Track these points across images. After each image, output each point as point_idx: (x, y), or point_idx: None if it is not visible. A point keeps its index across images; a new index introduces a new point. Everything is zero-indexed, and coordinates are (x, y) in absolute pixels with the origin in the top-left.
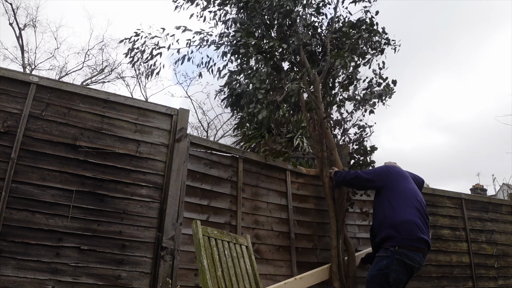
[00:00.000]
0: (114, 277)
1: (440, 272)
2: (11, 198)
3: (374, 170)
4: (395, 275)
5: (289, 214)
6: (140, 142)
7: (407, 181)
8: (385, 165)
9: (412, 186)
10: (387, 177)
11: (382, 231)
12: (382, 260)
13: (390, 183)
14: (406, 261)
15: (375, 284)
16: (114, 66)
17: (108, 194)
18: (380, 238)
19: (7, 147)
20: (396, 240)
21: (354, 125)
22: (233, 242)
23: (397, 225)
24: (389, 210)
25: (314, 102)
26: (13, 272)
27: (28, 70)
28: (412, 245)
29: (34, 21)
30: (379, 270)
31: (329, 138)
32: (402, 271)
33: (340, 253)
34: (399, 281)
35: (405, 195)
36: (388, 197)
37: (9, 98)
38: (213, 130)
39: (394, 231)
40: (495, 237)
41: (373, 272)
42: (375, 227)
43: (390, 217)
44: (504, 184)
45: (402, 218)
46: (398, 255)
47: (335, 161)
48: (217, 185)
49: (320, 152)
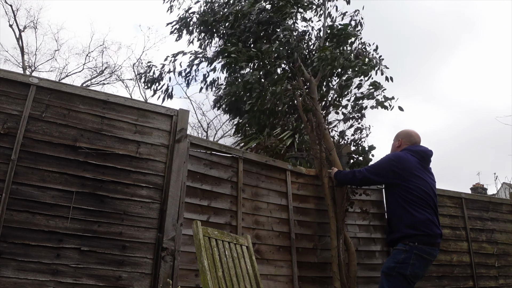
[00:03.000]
0: (114, 278)
1: (441, 272)
2: (11, 199)
3: (381, 168)
4: (412, 269)
5: (290, 214)
6: (140, 143)
7: (416, 174)
8: (389, 160)
9: (423, 179)
10: (395, 175)
11: (401, 229)
12: (400, 253)
13: (400, 181)
14: (424, 256)
15: (391, 276)
16: (114, 68)
17: (108, 195)
18: (399, 236)
19: (7, 148)
20: (416, 238)
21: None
22: (233, 242)
23: (416, 224)
24: (406, 209)
25: (311, 103)
26: (14, 273)
27: (28, 72)
28: (430, 241)
29: (34, 23)
30: (396, 262)
31: (327, 139)
32: (419, 265)
33: (340, 253)
34: (416, 275)
35: (418, 193)
36: (402, 195)
37: (9, 100)
38: (212, 130)
39: (413, 229)
40: (495, 236)
41: (389, 264)
42: (392, 223)
43: (408, 216)
44: (505, 183)
45: (420, 218)
46: (417, 250)
47: (334, 162)
48: (217, 186)
49: (319, 153)
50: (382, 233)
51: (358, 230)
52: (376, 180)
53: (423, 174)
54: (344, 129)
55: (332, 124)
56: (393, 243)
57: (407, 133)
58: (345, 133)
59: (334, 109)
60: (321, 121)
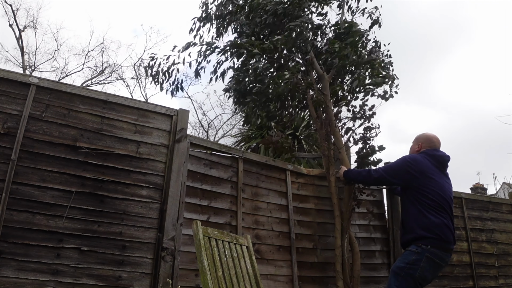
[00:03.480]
0: (114, 278)
1: (441, 271)
2: (11, 199)
3: (398, 170)
4: (422, 272)
5: (290, 214)
6: (140, 142)
7: (433, 178)
8: (406, 162)
9: (439, 183)
10: (411, 177)
11: (415, 230)
12: (411, 254)
13: (417, 184)
14: (436, 260)
15: (400, 276)
16: (114, 68)
17: (108, 195)
18: (412, 237)
19: (7, 148)
20: (429, 241)
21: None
22: (233, 242)
23: (431, 228)
24: (422, 212)
25: (323, 98)
26: (14, 273)
27: (28, 72)
28: (443, 246)
29: (34, 23)
30: (407, 263)
31: (337, 137)
32: (429, 269)
33: (344, 253)
34: (424, 278)
35: (434, 196)
36: (418, 198)
37: (9, 100)
38: (213, 130)
39: (428, 232)
40: (495, 236)
41: (400, 264)
42: (407, 225)
43: (423, 219)
44: (504, 183)
45: (435, 222)
46: (429, 253)
47: (343, 160)
48: (217, 186)
49: (327, 151)
50: (382, 233)
51: (358, 230)
52: (393, 181)
53: (440, 178)
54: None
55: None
56: (406, 244)
57: (427, 138)
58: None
59: (346, 107)
60: (332, 118)
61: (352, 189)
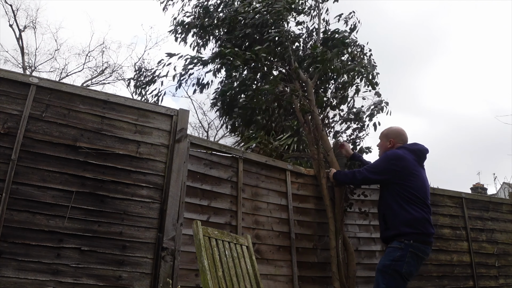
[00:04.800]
0: (114, 277)
1: (441, 272)
2: (11, 199)
3: (381, 167)
4: (408, 267)
5: (289, 214)
6: (140, 142)
7: (415, 173)
8: (389, 159)
9: (420, 179)
10: (395, 173)
11: (398, 227)
12: (396, 251)
13: (399, 180)
14: (419, 254)
15: (387, 274)
16: (114, 68)
17: (108, 195)
18: (395, 233)
19: (8, 148)
20: (412, 236)
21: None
22: (233, 242)
23: (412, 223)
24: (403, 207)
25: (308, 105)
26: (14, 273)
27: (28, 72)
28: (425, 240)
29: (34, 23)
30: (392, 260)
31: (324, 140)
32: (414, 264)
33: (339, 253)
34: (410, 273)
35: (416, 191)
36: (400, 193)
37: (9, 100)
38: (213, 130)
39: (409, 228)
40: (495, 236)
41: (385, 262)
42: (389, 220)
43: (405, 214)
44: (505, 183)
45: (417, 216)
46: (412, 248)
47: (332, 162)
48: (217, 186)
49: (317, 154)
50: None
51: (358, 230)
52: (377, 179)
53: (420, 172)
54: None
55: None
56: (388, 240)
57: (397, 132)
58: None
59: (333, 110)
60: (319, 123)
61: (343, 190)
